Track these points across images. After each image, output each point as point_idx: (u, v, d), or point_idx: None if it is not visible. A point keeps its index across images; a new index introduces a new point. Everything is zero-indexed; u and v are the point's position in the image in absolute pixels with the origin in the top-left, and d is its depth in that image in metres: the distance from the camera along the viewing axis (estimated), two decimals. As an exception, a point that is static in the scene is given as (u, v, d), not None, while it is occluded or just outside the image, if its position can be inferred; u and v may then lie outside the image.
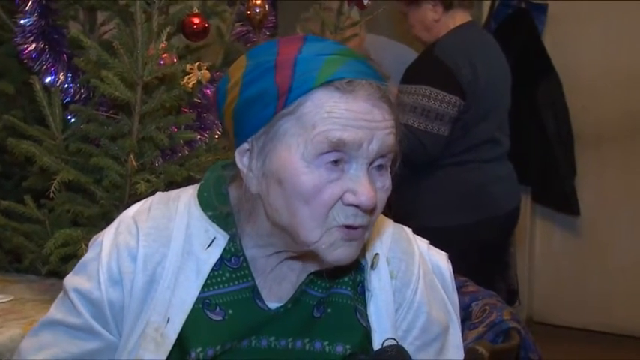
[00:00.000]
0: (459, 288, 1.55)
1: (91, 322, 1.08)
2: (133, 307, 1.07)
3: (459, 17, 2.58)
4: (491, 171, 2.59)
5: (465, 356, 1.34)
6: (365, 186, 0.98)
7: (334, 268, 1.07)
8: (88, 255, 1.12)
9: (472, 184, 2.55)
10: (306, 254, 1.05)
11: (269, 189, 1.00)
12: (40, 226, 1.77)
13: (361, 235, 1.03)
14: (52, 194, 1.69)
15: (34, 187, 1.82)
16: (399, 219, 1.20)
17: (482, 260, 2.60)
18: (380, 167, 1.01)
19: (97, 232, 1.67)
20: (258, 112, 0.99)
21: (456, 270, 1.52)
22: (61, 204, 1.73)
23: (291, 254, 1.07)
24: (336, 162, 0.97)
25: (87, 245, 1.61)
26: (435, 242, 1.21)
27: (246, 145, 1.02)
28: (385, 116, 0.99)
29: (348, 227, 1.00)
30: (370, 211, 1.00)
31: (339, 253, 1.01)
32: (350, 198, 0.98)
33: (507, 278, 3.40)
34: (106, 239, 1.09)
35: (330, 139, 0.96)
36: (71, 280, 1.11)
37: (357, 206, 0.99)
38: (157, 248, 1.07)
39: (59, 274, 1.73)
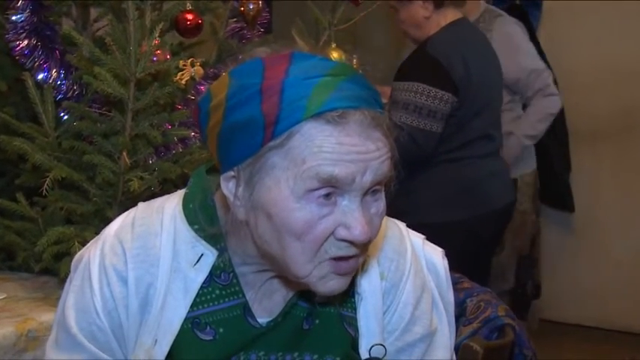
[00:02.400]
0: (454, 284, 1.54)
1: (99, 355, 1.04)
2: (131, 332, 1.04)
3: (450, 15, 2.58)
4: (486, 167, 2.59)
5: (459, 353, 1.34)
6: (358, 220, 0.93)
7: None
8: (76, 282, 1.07)
9: (467, 180, 2.55)
10: (293, 280, 1.02)
11: (258, 221, 0.96)
12: (33, 224, 1.76)
13: (353, 265, 0.99)
14: (44, 192, 1.68)
15: (27, 184, 1.81)
16: (394, 215, 1.19)
17: (477, 256, 2.60)
18: (375, 192, 0.97)
19: (90, 229, 1.69)
20: (244, 142, 0.93)
21: (451, 266, 1.52)
22: (54, 201, 1.72)
23: (281, 274, 1.04)
24: (327, 195, 0.93)
25: (80, 243, 1.62)
26: (430, 238, 1.19)
27: (231, 172, 0.97)
28: (379, 145, 0.94)
29: (340, 259, 0.96)
30: (364, 245, 0.97)
31: (332, 285, 0.97)
32: (343, 233, 0.94)
33: (533, 274, 3.48)
34: (93, 263, 1.04)
35: (321, 175, 0.91)
36: (67, 315, 1.05)
37: (350, 241, 0.95)
38: (146, 269, 1.03)
39: (52, 272, 1.73)
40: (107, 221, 1.13)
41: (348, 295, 1.08)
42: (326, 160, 0.91)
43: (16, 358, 1.49)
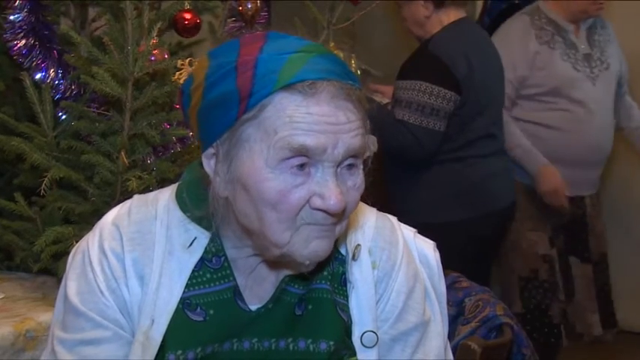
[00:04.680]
0: (453, 284, 1.55)
1: (111, 328, 1.04)
2: (135, 309, 1.05)
3: (453, 14, 2.58)
4: (489, 166, 2.59)
5: (457, 352, 1.34)
6: (332, 190, 0.95)
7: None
8: (76, 270, 1.07)
9: (470, 180, 2.54)
10: (280, 261, 1.03)
11: (236, 194, 0.98)
12: (31, 224, 1.76)
13: (332, 229, 1.00)
14: (42, 191, 1.68)
15: (25, 184, 1.81)
16: (397, 214, 1.19)
17: (479, 255, 2.60)
18: (350, 166, 0.98)
19: (89, 229, 1.67)
20: (220, 117, 0.97)
21: (454, 265, 1.51)
22: (52, 201, 1.72)
23: (266, 256, 1.05)
24: (301, 166, 0.95)
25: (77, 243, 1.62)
26: (434, 238, 1.20)
27: (211, 150, 1.00)
28: (349, 117, 0.96)
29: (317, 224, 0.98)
30: (339, 214, 0.98)
31: (314, 246, 0.99)
32: (317, 202, 0.96)
33: (546, 298, 2.87)
34: (92, 249, 1.06)
35: (292, 145, 0.94)
36: (72, 301, 1.05)
37: (324, 210, 0.96)
38: (142, 252, 1.05)
39: (50, 272, 1.72)
40: (102, 220, 1.13)
41: (340, 284, 1.09)
42: (296, 129, 0.94)
43: (14, 358, 1.49)
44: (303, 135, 0.94)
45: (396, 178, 2.58)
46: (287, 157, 0.94)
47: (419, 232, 1.19)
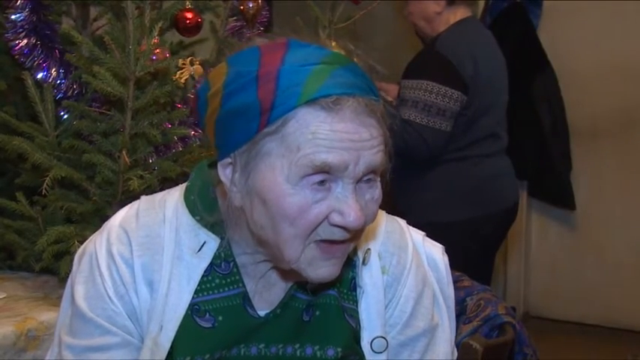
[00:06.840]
0: (454, 283, 1.55)
1: (120, 334, 1.04)
2: (144, 316, 1.04)
3: (461, 12, 2.58)
4: (493, 166, 2.59)
5: (459, 351, 1.34)
6: (352, 206, 0.94)
7: None
8: (83, 273, 1.06)
9: (474, 180, 2.54)
10: (290, 270, 1.02)
11: (253, 206, 0.97)
12: (33, 223, 1.76)
13: (342, 250, 0.99)
14: (44, 191, 1.68)
15: (27, 184, 1.81)
16: (401, 214, 1.19)
17: (482, 255, 2.60)
18: (369, 180, 0.97)
19: (90, 228, 1.69)
20: (240, 128, 0.95)
21: (457, 264, 1.51)
22: (54, 201, 1.72)
23: (276, 264, 1.05)
24: (321, 182, 0.94)
25: (80, 242, 1.62)
26: (437, 237, 1.19)
27: (228, 159, 0.98)
28: (373, 133, 0.95)
29: (329, 242, 0.97)
30: (358, 230, 0.97)
31: (322, 272, 0.98)
32: (336, 218, 0.95)
33: None
34: (100, 252, 1.05)
35: (315, 163, 0.92)
36: (79, 305, 1.04)
37: (343, 227, 0.95)
38: (151, 256, 1.04)
39: (52, 271, 1.72)
40: (107, 220, 1.13)
41: (350, 289, 1.09)
42: (319, 147, 0.92)
43: (15, 357, 1.49)
44: (325, 152, 0.92)
45: (400, 177, 2.58)
46: (309, 173, 0.93)
47: (424, 232, 1.19)
